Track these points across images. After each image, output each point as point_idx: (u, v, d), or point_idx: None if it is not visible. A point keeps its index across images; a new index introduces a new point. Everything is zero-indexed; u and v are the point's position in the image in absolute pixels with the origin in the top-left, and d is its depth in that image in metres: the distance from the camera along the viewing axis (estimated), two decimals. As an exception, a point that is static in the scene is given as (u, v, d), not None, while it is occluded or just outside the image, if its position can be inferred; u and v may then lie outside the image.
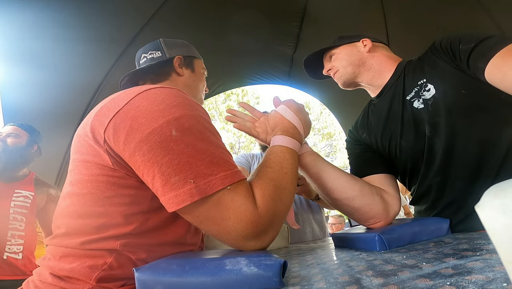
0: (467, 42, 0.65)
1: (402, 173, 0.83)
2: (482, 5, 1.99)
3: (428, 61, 0.75)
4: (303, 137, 0.68)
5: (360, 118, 0.93)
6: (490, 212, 0.19)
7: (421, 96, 0.73)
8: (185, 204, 0.43)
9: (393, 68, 0.82)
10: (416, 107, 0.74)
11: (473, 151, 0.67)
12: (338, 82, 0.90)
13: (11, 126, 1.62)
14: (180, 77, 0.79)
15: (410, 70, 0.79)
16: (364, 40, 0.87)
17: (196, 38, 1.01)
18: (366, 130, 0.88)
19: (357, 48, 0.87)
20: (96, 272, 0.45)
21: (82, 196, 0.48)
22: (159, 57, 0.81)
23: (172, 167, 0.43)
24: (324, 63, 0.95)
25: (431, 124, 0.71)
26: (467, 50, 0.65)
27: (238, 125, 0.77)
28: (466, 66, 0.66)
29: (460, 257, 0.38)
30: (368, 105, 0.93)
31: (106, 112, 0.48)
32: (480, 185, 0.67)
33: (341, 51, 0.89)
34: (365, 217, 0.69)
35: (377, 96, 0.86)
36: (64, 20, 1.75)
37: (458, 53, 0.67)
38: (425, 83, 0.73)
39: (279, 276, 0.37)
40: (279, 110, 0.69)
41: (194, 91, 0.80)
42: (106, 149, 0.47)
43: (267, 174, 0.52)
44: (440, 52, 0.73)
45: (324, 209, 1.53)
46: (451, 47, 0.70)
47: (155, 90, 0.50)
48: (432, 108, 0.71)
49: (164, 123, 0.45)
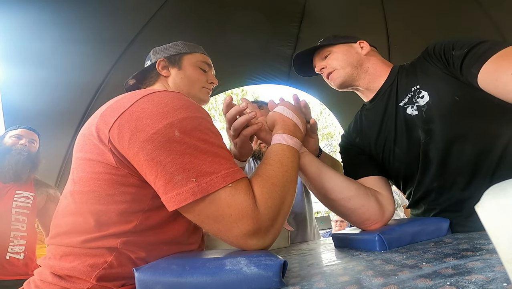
0: (460, 48, 0.65)
1: (396, 177, 0.83)
2: (482, 6, 1.99)
3: (421, 67, 0.75)
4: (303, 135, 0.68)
5: (353, 123, 0.92)
6: (490, 212, 0.19)
7: (415, 103, 0.73)
8: (187, 202, 0.43)
9: (387, 73, 0.82)
10: (410, 113, 0.74)
11: (469, 156, 0.67)
12: (333, 83, 0.87)
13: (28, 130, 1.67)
14: (167, 78, 0.81)
15: (403, 76, 0.78)
16: (361, 42, 0.86)
17: (196, 38, 1.00)
18: (360, 135, 0.88)
19: (354, 49, 0.85)
20: (96, 271, 0.45)
21: (84, 194, 0.49)
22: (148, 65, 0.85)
23: (175, 166, 0.44)
24: (316, 61, 0.91)
25: (425, 131, 0.71)
26: (460, 56, 0.64)
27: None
28: (459, 72, 0.65)
29: (460, 257, 0.38)
30: (361, 110, 0.92)
31: (111, 113, 0.50)
32: (476, 188, 0.67)
33: (338, 50, 0.86)
34: (361, 218, 0.68)
35: (370, 101, 0.85)
36: (64, 20, 1.75)
37: (451, 59, 0.67)
38: (419, 89, 0.72)
39: (279, 276, 0.37)
40: (277, 110, 0.68)
41: (184, 88, 0.80)
42: (110, 148, 0.48)
43: (266, 172, 0.52)
44: (433, 58, 0.72)
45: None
46: (444, 53, 0.69)
47: (159, 93, 0.51)
48: (427, 115, 0.70)
49: (167, 125, 0.46)
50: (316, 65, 0.91)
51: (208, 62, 0.86)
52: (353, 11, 2.35)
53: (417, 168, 0.75)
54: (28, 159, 1.58)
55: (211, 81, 0.85)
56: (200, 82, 0.82)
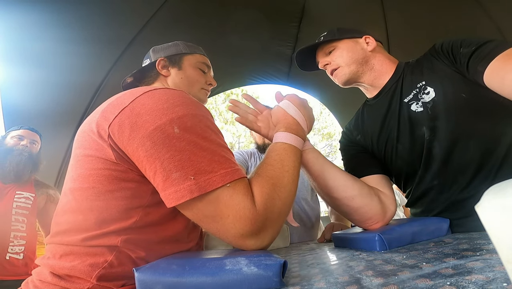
0: (468, 46, 0.65)
1: (397, 175, 0.82)
2: (482, 5, 1.99)
3: (427, 64, 0.74)
4: (306, 133, 0.67)
5: (354, 120, 0.91)
6: (490, 212, 0.19)
7: (420, 99, 0.72)
8: (184, 199, 0.43)
9: (393, 70, 0.81)
10: (414, 110, 0.73)
11: (473, 154, 0.67)
12: (337, 80, 0.84)
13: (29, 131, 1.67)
14: (167, 77, 0.81)
15: (408, 72, 0.77)
16: (367, 37, 0.83)
17: (195, 38, 0.99)
18: (361, 132, 0.86)
19: (359, 45, 0.82)
20: (96, 270, 0.45)
21: (83, 190, 0.49)
22: (148, 64, 0.84)
23: (173, 163, 0.44)
24: (319, 56, 0.88)
25: (430, 128, 0.70)
26: (468, 54, 0.64)
27: (240, 118, 0.75)
28: (466, 69, 0.65)
29: (460, 257, 0.38)
30: (363, 106, 0.90)
31: (112, 109, 0.50)
32: (478, 188, 0.66)
33: (343, 46, 0.82)
34: (363, 217, 0.68)
35: (374, 97, 0.84)
36: (64, 21, 1.75)
37: (458, 57, 0.67)
38: (424, 85, 0.72)
39: (279, 276, 0.37)
40: (282, 106, 0.68)
41: (183, 88, 0.80)
42: (110, 143, 0.48)
43: (267, 171, 0.52)
44: (440, 55, 0.72)
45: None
46: (452, 50, 0.69)
47: (160, 90, 0.52)
48: (432, 112, 0.70)
49: (167, 121, 0.46)
50: (319, 60, 0.88)
51: (207, 64, 0.86)
52: (353, 11, 2.35)
53: (419, 165, 0.74)
54: (29, 160, 1.59)
55: (210, 83, 0.85)
56: (199, 83, 0.82)
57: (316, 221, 1.37)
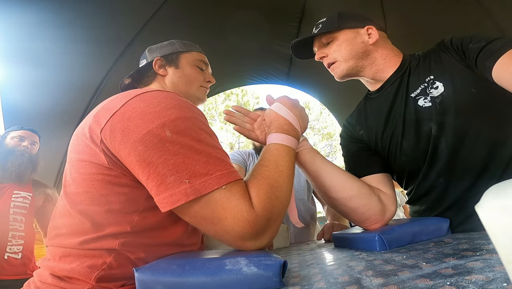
0: (478, 42, 0.64)
1: (399, 172, 0.80)
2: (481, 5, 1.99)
3: (435, 58, 0.72)
4: (300, 133, 0.67)
5: (356, 114, 0.88)
6: (490, 212, 0.19)
7: (428, 94, 0.70)
8: (180, 203, 0.43)
9: (397, 64, 0.77)
10: (421, 105, 0.71)
11: (481, 151, 0.66)
12: (333, 74, 0.81)
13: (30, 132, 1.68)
14: (164, 77, 0.80)
15: (415, 66, 0.75)
16: (369, 27, 0.77)
17: (195, 38, 0.99)
18: (365, 127, 0.83)
19: (360, 37, 0.77)
20: (95, 272, 0.45)
21: (78, 195, 0.49)
22: (144, 64, 0.83)
23: (167, 167, 0.44)
24: (317, 47, 0.83)
25: (438, 123, 0.68)
26: (477, 49, 0.63)
27: (238, 127, 0.75)
28: (474, 64, 0.64)
29: (460, 257, 0.38)
30: (365, 100, 0.87)
31: (104, 113, 0.49)
32: (483, 186, 0.65)
33: (342, 38, 0.77)
34: (361, 217, 0.68)
35: (376, 90, 0.80)
36: (64, 21, 1.75)
37: (467, 52, 0.66)
38: (433, 80, 0.70)
39: (279, 276, 0.37)
40: (273, 108, 0.68)
41: (182, 87, 0.79)
42: (102, 148, 0.47)
43: (262, 173, 0.52)
44: (449, 49, 0.70)
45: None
46: (461, 45, 0.68)
47: (152, 93, 0.51)
48: (440, 107, 0.68)
49: (159, 125, 0.46)
50: (316, 51, 0.83)
51: (205, 61, 0.85)
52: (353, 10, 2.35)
53: (423, 162, 0.72)
54: (29, 161, 1.59)
55: (209, 80, 0.85)
56: (198, 81, 0.82)
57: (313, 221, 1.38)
